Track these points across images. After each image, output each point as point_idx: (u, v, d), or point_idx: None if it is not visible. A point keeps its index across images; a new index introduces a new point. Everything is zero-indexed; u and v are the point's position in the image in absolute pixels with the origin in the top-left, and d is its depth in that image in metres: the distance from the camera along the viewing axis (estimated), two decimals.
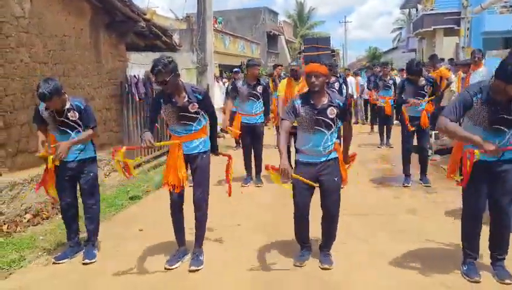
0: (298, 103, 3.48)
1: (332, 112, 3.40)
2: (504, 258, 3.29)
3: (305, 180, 3.41)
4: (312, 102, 3.43)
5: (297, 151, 3.62)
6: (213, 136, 3.88)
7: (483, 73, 6.88)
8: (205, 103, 3.65)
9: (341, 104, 3.44)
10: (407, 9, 33.61)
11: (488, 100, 3.04)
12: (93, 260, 3.85)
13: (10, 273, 3.67)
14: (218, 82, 11.04)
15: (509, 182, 3.14)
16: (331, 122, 3.42)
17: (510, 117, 3.05)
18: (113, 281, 3.51)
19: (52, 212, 5.20)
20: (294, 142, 3.80)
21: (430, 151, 7.52)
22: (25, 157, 5.04)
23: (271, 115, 6.75)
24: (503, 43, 18.02)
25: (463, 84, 7.59)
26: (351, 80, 13.55)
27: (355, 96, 13.24)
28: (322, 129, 3.42)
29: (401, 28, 42.34)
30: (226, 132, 7.27)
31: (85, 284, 3.50)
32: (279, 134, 3.50)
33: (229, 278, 3.50)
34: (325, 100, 3.43)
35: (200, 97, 3.60)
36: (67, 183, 3.89)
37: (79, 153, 3.88)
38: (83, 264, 3.80)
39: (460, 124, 3.27)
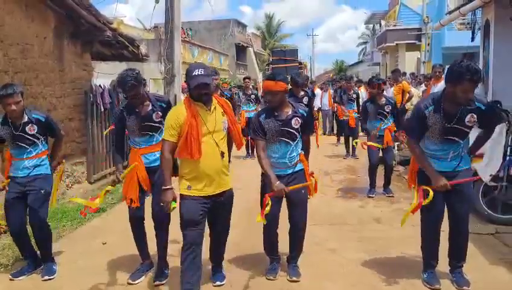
0: (262, 117, 3.51)
1: (296, 122, 3.44)
2: (462, 266, 3.41)
3: (297, 185, 3.43)
4: (276, 114, 3.45)
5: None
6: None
7: (443, 87, 7.18)
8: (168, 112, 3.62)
9: (305, 114, 3.48)
10: (372, 25, 34.72)
11: (439, 111, 3.14)
12: (53, 276, 3.71)
13: None
14: (184, 93, 10.96)
15: (464, 191, 3.27)
16: (295, 133, 3.45)
17: (462, 127, 3.16)
18: None
19: None
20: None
21: (394, 162, 7.74)
22: None
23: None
24: (467, 60, 18.86)
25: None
26: (317, 92, 13.80)
27: (326, 108, 13.44)
28: (287, 140, 3.45)
29: (366, 43, 43.64)
30: None
31: None
32: (259, 157, 3.44)
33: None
34: (289, 111, 3.46)
35: (164, 105, 3.59)
36: (17, 202, 3.66)
37: (33, 169, 3.69)
38: (43, 280, 3.66)
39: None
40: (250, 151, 9.53)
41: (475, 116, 3.14)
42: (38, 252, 3.89)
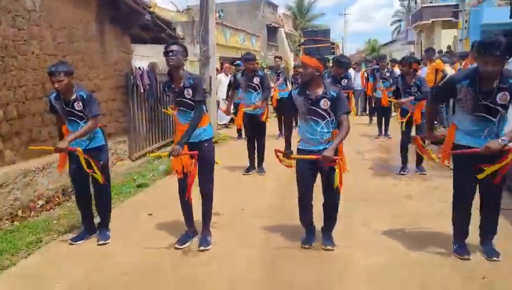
0: (295, 92, 3.71)
1: (325, 104, 3.56)
2: (493, 238, 3.53)
3: (306, 157, 3.62)
4: (307, 92, 3.62)
5: (299, 140, 3.84)
6: (189, 128, 3.72)
7: None
8: (196, 89, 3.74)
9: (335, 95, 3.57)
10: (407, 2, 33.68)
11: (473, 86, 3.20)
12: (107, 241, 4.08)
13: (29, 254, 3.89)
14: (227, 74, 11.29)
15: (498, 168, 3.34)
16: (324, 113, 3.57)
17: (494, 106, 3.19)
18: (128, 258, 3.75)
19: (63, 199, 5.43)
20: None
21: (426, 142, 7.75)
22: (37, 145, 5.24)
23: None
24: (501, 35, 18.16)
25: None
26: (350, 72, 13.72)
27: (359, 88, 13.40)
28: (316, 119, 3.59)
29: (400, 21, 42.39)
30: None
31: (102, 261, 3.74)
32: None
33: (237, 256, 3.74)
34: (319, 91, 3.60)
35: (192, 82, 3.75)
36: (79, 171, 4.04)
37: (89, 143, 4.03)
38: (98, 245, 4.04)
39: (454, 110, 3.48)
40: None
41: (507, 94, 3.16)
42: (94, 220, 4.30)
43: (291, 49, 31.01)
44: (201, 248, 3.82)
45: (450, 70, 8.61)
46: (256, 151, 6.60)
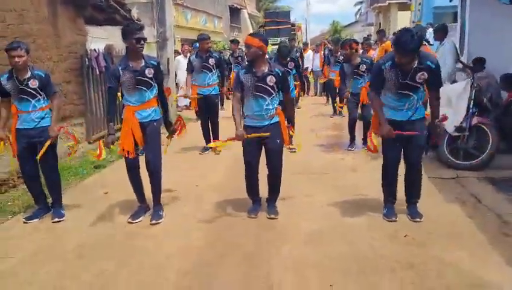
0: (242, 72, 3.93)
1: (271, 80, 3.84)
2: (416, 202, 3.94)
3: (257, 134, 3.88)
4: (254, 70, 3.86)
5: (245, 117, 4.07)
6: (166, 109, 4.22)
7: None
8: (158, 71, 4.03)
9: (280, 73, 3.87)
10: None
11: (394, 68, 3.55)
12: (62, 219, 4.21)
13: None
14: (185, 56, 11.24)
15: (418, 139, 3.73)
16: (270, 89, 3.85)
17: (413, 83, 3.57)
18: (83, 233, 3.92)
19: (18, 181, 5.45)
20: None
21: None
22: None
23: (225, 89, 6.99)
24: (452, 18, 18.89)
25: None
26: (309, 54, 14.04)
27: (317, 70, 13.66)
28: (263, 95, 3.85)
29: (362, 2, 42.99)
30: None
31: (56, 236, 3.90)
32: (232, 106, 3.96)
33: (188, 228, 3.97)
34: (265, 69, 3.86)
35: (155, 63, 4.00)
36: (28, 151, 4.10)
37: (39, 121, 4.08)
38: (53, 222, 4.16)
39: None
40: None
41: (426, 74, 3.53)
42: (48, 200, 4.39)
43: (255, 31, 30.98)
44: (153, 222, 4.03)
45: None
46: (210, 131, 6.81)
